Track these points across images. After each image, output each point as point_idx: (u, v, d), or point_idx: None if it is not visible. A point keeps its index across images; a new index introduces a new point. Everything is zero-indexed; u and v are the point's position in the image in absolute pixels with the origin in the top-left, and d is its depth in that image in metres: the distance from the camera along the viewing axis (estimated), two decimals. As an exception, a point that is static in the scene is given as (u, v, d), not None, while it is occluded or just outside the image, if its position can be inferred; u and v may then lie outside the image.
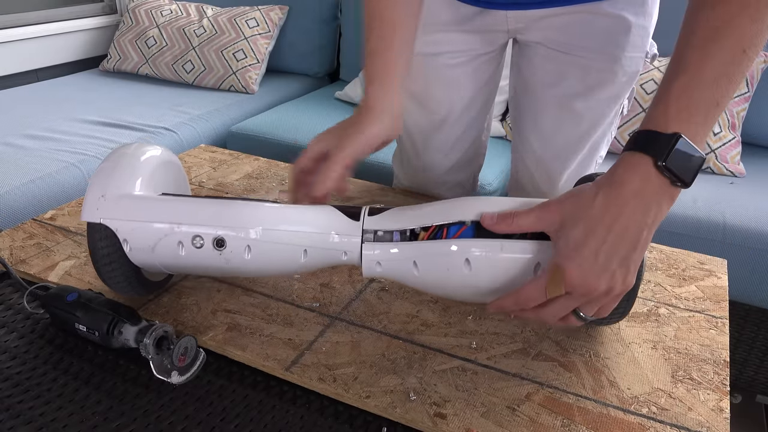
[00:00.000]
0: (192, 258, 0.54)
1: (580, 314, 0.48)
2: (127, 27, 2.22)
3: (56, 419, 0.48)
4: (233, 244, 0.52)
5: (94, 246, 0.55)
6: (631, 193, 0.46)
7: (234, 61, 2.07)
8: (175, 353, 0.51)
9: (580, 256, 0.46)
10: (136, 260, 0.56)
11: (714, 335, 0.59)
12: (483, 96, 0.90)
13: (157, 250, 0.54)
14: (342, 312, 0.60)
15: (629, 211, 0.46)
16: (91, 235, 0.55)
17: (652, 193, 0.46)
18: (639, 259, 0.47)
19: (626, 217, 0.46)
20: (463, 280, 0.51)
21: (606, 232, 0.46)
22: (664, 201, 0.46)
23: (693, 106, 0.47)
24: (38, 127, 1.65)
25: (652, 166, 0.45)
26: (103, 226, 0.54)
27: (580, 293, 0.47)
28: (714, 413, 0.49)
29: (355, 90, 1.99)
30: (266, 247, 0.53)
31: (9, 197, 1.30)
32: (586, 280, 0.46)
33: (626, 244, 0.46)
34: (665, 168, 0.45)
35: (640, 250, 0.47)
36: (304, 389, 0.52)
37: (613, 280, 0.46)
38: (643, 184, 0.46)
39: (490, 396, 0.50)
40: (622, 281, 0.47)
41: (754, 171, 1.54)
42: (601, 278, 0.46)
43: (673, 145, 0.45)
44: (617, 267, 0.46)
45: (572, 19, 0.77)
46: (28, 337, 0.57)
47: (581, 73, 0.79)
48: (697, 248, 1.22)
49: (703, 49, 0.47)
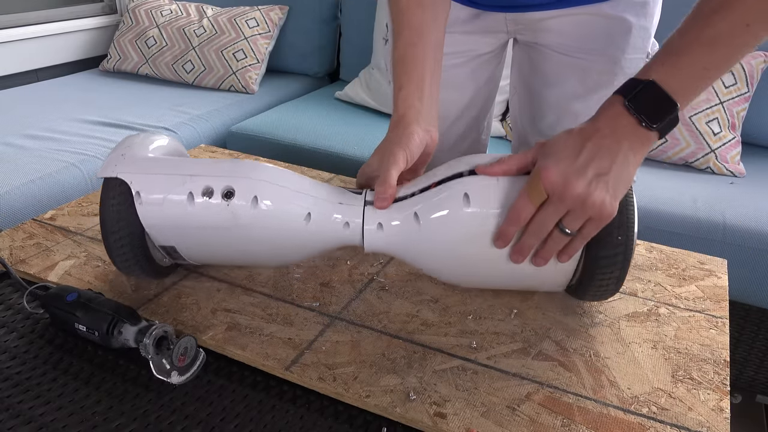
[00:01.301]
0: (200, 213, 0.55)
1: (564, 229, 0.51)
2: (127, 27, 2.22)
3: (56, 419, 0.48)
4: (241, 194, 0.54)
5: (105, 204, 0.56)
6: (603, 123, 0.51)
7: (234, 61, 2.07)
8: (175, 353, 0.51)
9: (557, 157, 0.50)
10: (146, 218, 0.56)
11: (714, 335, 0.59)
12: (483, 96, 0.90)
13: (167, 204, 0.55)
14: (342, 311, 0.60)
15: (603, 134, 0.50)
16: (104, 192, 0.56)
17: (623, 128, 0.50)
18: (616, 184, 0.49)
19: (601, 136, 0.50)
20: (463, 222, 0.53)
21: (583, 142, 0.50)
22: (636, 141, 0.50)
23: (679, 63, 0.50)
24: (38, 127, 1.65)
25: (621, 105, 0.50)
26: (119, 181, 0.56)
27: (559, 194, 0.49)
28: (714, 413, 0.49)
29: (355, 90, 1.99)
30: (272, 204, 0.54)
31: (9, 197, 1.30)
32: (563, 178, 0.48)
33: (602, 155, 0.49)
34: (631, 107, 0.49)
35: (615, 171, 0.49)
36: (304, 389, 0.52)
37: (590, 188, 0.48)
38: (614, 120, 0.50)
39: (490, 396, 0.50)
40: (600, 196, 0.48)
41: (754, 171, 1.54)
42: (579, 180, 0.48)
43: (643, 87, 0.50)
44: (594, 177, 0.48)
45: (572, 20, 0.77)
46: (28, 337, 0.57)
47: (581, 74, 0.79)
48: (697, 248, 1.22)
49: (706, 19, 0.50)
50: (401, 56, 0.64)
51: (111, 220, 0.56)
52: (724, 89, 1.53)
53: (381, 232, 0.55)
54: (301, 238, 0.56)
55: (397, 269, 0.68)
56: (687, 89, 0.50)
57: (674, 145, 1.54)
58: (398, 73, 0.64)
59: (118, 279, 0.65)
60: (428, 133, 0.60)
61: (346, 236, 0.56)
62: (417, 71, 0.63)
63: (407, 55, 0.64)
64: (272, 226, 0.55)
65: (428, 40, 0.65)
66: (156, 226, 0.57)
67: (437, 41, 0.66)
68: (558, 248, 0.53)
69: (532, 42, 0.82)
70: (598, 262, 0.54)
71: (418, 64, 0.64)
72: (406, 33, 0.65)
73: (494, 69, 0.89)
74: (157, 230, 0.57)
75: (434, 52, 0.66)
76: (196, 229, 0.56)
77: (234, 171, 0.55)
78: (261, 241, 0.56)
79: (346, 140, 1.68)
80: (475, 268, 0.57)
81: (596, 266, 0.54)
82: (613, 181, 0.49)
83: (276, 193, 0.55)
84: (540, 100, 0.84)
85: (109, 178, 0.56)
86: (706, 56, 0.50)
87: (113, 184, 0.56)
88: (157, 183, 0.55)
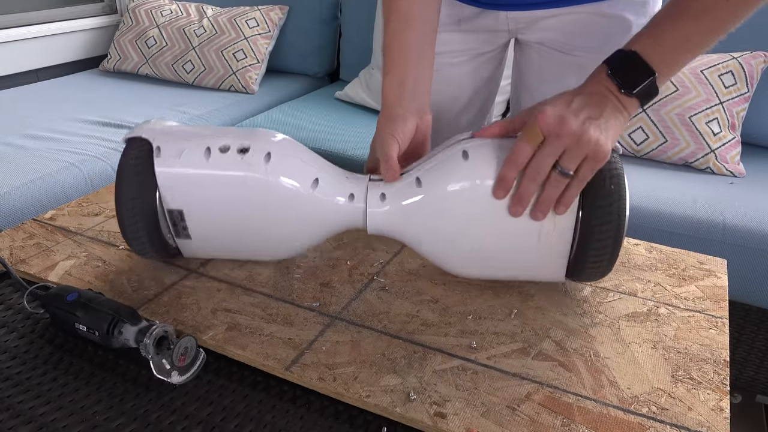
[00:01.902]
0: (215, 166, 0.57)
1: (562, 170, 0.52)
2: (127, 27, 2.22)
3: (56, 419, 0.48)
4: (256, 150, 0.57)
5: (124, 162, 0.58)
6: (590, 87, 0.56)
7: (234, 61, 2.07)
8: (175, 353, 0.51)
9: (552, 102, 0.54)
10: (162, 172, 0.58)
11: (714, 335, 0.59)
12: (483, 95, 0.90)
13: (184, 157, 0.58)
14: (342, 311, 0.60)
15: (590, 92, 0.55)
16: (125, 153, 0.59)
17: (606, 91, 0.55)
18: (607, 129, 0.52)
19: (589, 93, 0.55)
20: (464, 178, 0.54)
21: (573, 95, 0.54)
22: (618, 104, 0.55)
23: (659, 34, 0.56)
24: (38, 127, 1.65)
25: (604, 73, 0.56)
26: (140, 138, 0.59)
27: (555, 132, 0.51)
28: (714, 413, 0.49)
29: (355, 90, 1.99)
30: (283, 163, 0.57)
31: (9, 197, 1.30)
32: (558, 117, 0.51)
33: (592, 105, 0.53)
34: (612, 74, 0.55)
35: (605, 119, 0.53)
36: (304, 389, 0.52)
37: (584, 126, 0.51)
38: (599, 84, 0.56)
39: (490, 396, 0.50)
40: (595, 134, 0.51)
41: (754, 171, 1.54)
42: (573, 119, 0.51)
43: (624, 56, 0.56)
44: (586, 118, 0.52)
45: (572, 19, 0.77)
46: (28, 337, 0.57)
47: (580, 72, 0.79)
48: (697, 248, 1.22)
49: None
50: (388, 44, 0.66)
51: (127, 174, 0.58)
52: (724, 89, 1.53)
53: (385, 203, 0.57)
54: (308, 205, 0.58)
55: (397, 269, 0.68)
56: (667, 60, 0.55)
57: (674, 145, 1.54)
58: (385, 61, 0.66)
59: (118, 279, 0.65)
60: (416, 115, 0.63)
61: (351, 209, 0.58)
62: (401, 58, 0.65)
63: (393, 42, 0.66)
64: (281, 186, 0.57)
65: (415, 27, 0.66)
66: (170, 182, 0.58)
67: (426, 27, 0.67)
68: (557, 194, 0.54)
69: (533, 41, 0.82)
70: (594, 212, 0.55)
71: (402, 51, 0.66)
72: (393, 21, 0.66)
73: (495, 69, 0.89)
74: (171, 188, 0.58)
75: (422, 37, 0.67)
76: (208, 186, 0.58)
77: (251, 134, 0.60)
78: (268, 204, 0.57)
79: (346, 140, 1.68)
80: (477, 238, 0.57)
81: (593, 216, 0.55)
82: (603, 125, 0.52)
83: (288, 155, 0.58)
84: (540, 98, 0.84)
85: (132, 138, 0.60)
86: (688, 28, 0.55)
87: (135, 143, 0.59)
88: (177, 139, 0.59)
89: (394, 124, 0.61)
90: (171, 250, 0.64)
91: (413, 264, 0.69)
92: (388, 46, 0.66)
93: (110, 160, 1.53)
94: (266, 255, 0.66)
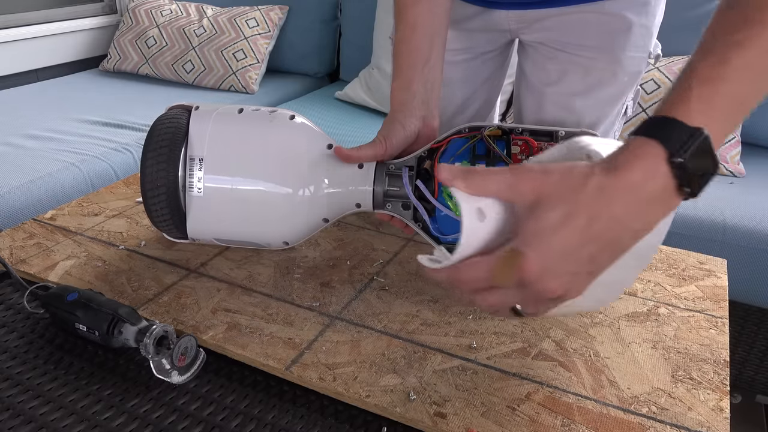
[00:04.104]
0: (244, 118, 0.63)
1: (517, 309, 0.42)
2: (127, 27, 2.22)
3: (56, 419, 0.48)
4: (282, 112, 0.64)
5: (162, 115, 0.64)
6: (628, 185, 0.38)
7: (234, 61, 2.07)
8: (175, 353, 0.51)
9: (547, 247, 0.39)
10: (195, 122, 0.62)
11: (714, 335, 0.59)
12: (483, 94, 0.90)
13: (218, 113, 0.63)
14: (342, 311, 0.60)
15: (619, 208, 0.38)
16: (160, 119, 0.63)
17: (653, 192, 0.38)
18: (604, 269, 0.41)
19: (613, 215, 0.38)
20: None
21: (587, 226, 0.38)
22: (660, 208, 0.39)
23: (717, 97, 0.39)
24: (38, 127, 1.65)
25: (663, 160, 0.38)
26: (180, 105, 0.65)
27: (532, 290, 0.40)
28: (714, 413, 0.49)
29: (355, 90, 1.99)
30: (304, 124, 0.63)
31: (9, 197, 1.30)
32: (544, 277, 0.39)
33: (603, 247, 0.39)
34: (680, 166, 0.37)
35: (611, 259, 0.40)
36: (304, 389, 0.52)
37: (569, 285, 0.40)
38: (646, 180, 0.38)
39: (490, 396, 0.50)
40: (577, 289, 0.41)
41: (754, 171, 1.54)
42: (561, 280, 0.39)
43: (697, 140, 0.38)
44: (581, 271, 0.40)
45: (573, 18, 0.77)
46: (28, 337, 0.57)
47: (582, 72, 0.80)
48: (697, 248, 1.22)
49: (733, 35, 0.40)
50: (396, 51, 0.68)
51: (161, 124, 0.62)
52: (724, 89, 1.52)
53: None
54: (322, 166, 0.61)
55: (397, 269, 0.68)
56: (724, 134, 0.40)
57: (674, 145, 1.54)
58: (393, 68, 0.68)
59: (118, 279, 0.65)
60: (419, 120, 0.64)
61: (360, 175, 0.61)
62: (406, 65, 0.66)
63: (401, 50, 0.67)
64: (300, 138, 0.62)
65: (421, 34, 0.67)
66: (201, 130, 0.62)
67: (433, 33, 0.68)
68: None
69: (535, 41, 0.82)
70: None
71: (408, 58, 0.67)
72: (401, 28, 0.68)
73: (496, 68, 0.89)
74: (199, 135, 0.61)
75: (429, 44, 0.67)
76: (233, 134, 0.62)
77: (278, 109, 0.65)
78: (285, 156, 0.61)
79: (346, 140, 1.68)
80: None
81: None
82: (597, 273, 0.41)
83: (308, 123, 0.64)
84: (541, 97, 0.84)
85: (175, 105, 0.66)
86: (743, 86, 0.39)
87: (178, 107, 0.65)
88: (212, 104, 0.65)
89: (390, 128, 0.62)
90: (182, 213, 0.62)
91: (413, 264, 0.69)
92: (396, 52, 0.68)
93: (110, 160, 1.53)
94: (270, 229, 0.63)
